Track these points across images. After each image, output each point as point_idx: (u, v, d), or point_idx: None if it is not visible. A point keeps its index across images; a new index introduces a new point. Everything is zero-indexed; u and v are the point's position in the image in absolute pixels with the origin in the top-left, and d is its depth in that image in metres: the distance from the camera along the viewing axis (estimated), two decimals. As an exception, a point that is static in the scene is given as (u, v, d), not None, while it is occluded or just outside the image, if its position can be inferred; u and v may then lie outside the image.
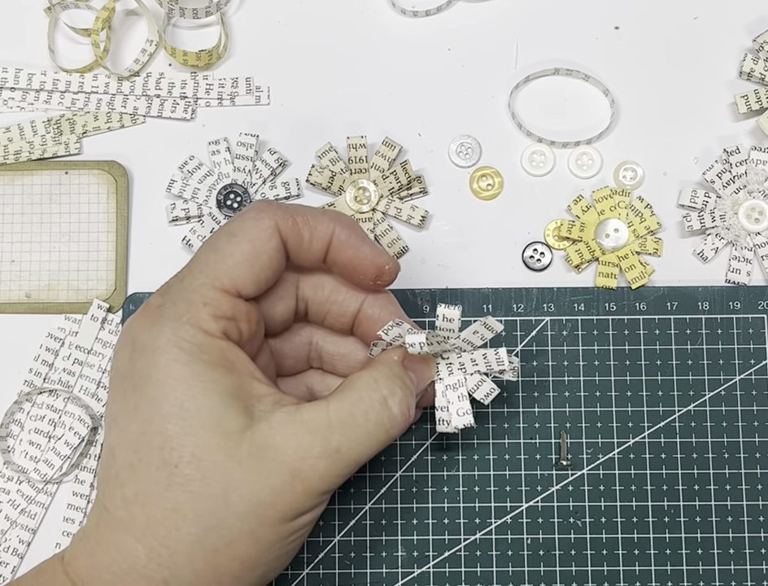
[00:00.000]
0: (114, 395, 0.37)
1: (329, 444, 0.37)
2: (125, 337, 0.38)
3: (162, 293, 0.38)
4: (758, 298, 0.49)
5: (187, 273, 0.38)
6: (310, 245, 0.39)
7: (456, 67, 0.52)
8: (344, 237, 0.40)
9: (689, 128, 0.51)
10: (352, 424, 0.37)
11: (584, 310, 0.49)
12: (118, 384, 0.37)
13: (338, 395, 0.38)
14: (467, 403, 0.42)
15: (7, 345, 0.49)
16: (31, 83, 0.51)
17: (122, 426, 0.36)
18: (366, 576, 0.47)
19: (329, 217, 0.40)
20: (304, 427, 0.36)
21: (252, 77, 0.51)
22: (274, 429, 0.36)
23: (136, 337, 0.37)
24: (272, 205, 0.39)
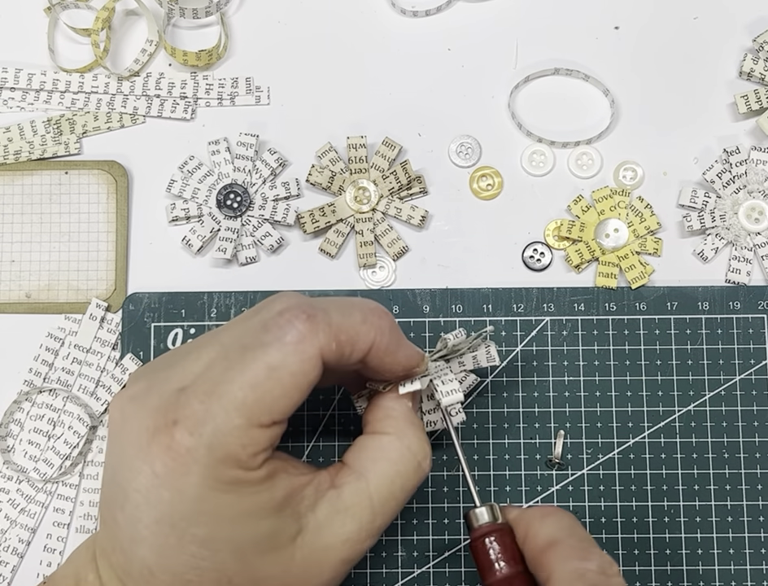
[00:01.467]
0: (140, 515, 0.35)
1: (374, 527, 0.38)
2: (151, 469, 0.34)
3: (191, 431, 0.34)
4: (758, 298, 0.49)
5: (219, 407, 0.34)
6: (349, 359, 0.37)
7: (456, 67, 0.52)
8: (383, 345, 0.38)
9: (689, 128, 0.51)
10: (392, 500, 0.38)
11: (584, 310, 0.49)
12: (146, 507, 0.35)
13: (375, 471, 0.38)
14: (455, 383, 0.41)
15: (7, 345, 0.49)
16: (31, 83, 0.51)
17: (161, 552, 0.35)
18: (366, 576, 0.47)
19: (370, 326, 0.37)
20: (350, 517, 0.37)
21: (252, 77, 0.51)
22: (322, 527, 0.37)
23: (166, 479, 0.34)
24: (315, 327, 0.35)
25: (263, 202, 0.50)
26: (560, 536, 0.38)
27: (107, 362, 0.48)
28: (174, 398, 0.35)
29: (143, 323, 0.48)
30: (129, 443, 0.35)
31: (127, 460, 0.35)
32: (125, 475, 0.35)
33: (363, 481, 0.38)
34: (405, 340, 0.39)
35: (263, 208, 0.49)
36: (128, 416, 0.36)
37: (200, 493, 0.34)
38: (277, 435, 0.36)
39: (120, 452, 0.36)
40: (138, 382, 0.37)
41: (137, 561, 0.35)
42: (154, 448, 0.34)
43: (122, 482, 0.35)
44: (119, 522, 0.35)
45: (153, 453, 0.34)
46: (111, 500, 0.36)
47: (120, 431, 0.36)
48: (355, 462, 0.39)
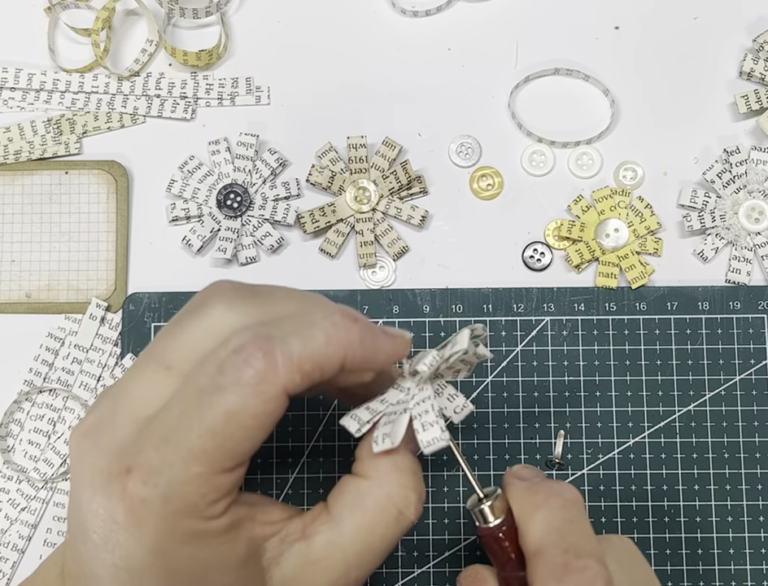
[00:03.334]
0: (98, 556, 0.33)
1: (348, 580, 0.35)
2: (108, 514, 0.32)
3: (145, 481, 0.32)
4: (758, 298, 0.49)
5: (176, 457, 0.32)
6: (320, 382, 0.34)
7: (456, 67, 0.52)
8: (357, 358, 0.34)
9: (689, 128, 0.51)
10: (369, 554, 0.35)
11: (584, 310, 0.49)
12: (103, 551, 0.32)
13: (351, 520, 0.35)
14: (436, 428, 0.36)
15: (7, 345, 0.49)
16: (31, 83, 0.51)
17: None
18: (366, 576, 0.47)
19: (336, 345, 0.33)
20: (320, 570, 0.34)
21: (252, 77, 0.51)
22: (289, 583, 0.34)
23: (118, 520, 0.32)
24: (274, 362, 0.32)
25: (263, 202, 0.50)
26: (546, 543, 0.35)
27: (107, 362, 0.48)
28: (129, 440, 0.33)
29: (143, 323, 0.48)
30: (87, 484, 0.33)
31: (86, 499, 0.33)
32: (85, 514, 0.33)
33: (337, 531, 0.35)
34: (382, 338, 0.35)
35: (263, 208, 0.49)
36: (84, 456, 0.34)
37: (155, 546, 0.32)
38: (241, 476, 0.33)
39: (79, 488, 0.33)
40: (91, 415, 0.35)
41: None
42: (109, 492, 0.32)
43: (82, 520, 0.33)
44: (81, 554, 0.33)
45: (109, 497, 0.32)
46: (75, 530, 0.34)
47: (77, 470, 0.34)
48: (333, 507, 0.36)
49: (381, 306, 0.49)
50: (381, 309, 0.49)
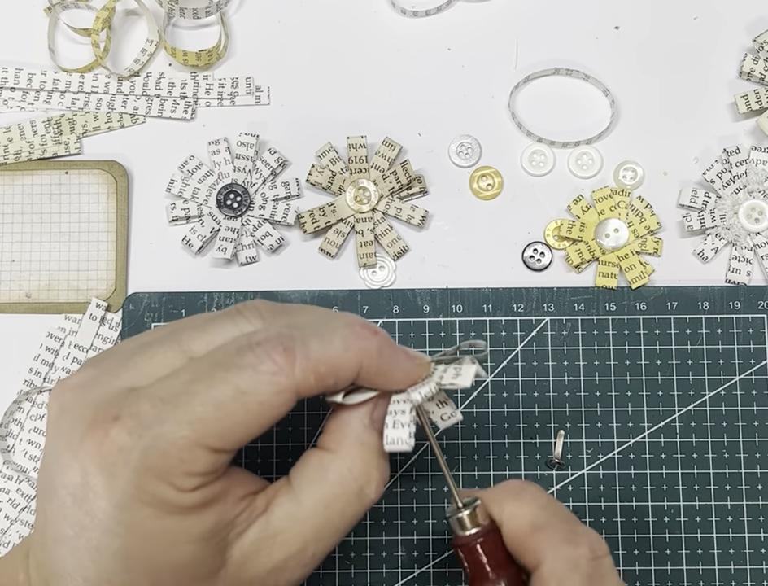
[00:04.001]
0: (64, 512, 0.32)
1: (305, 556, 0.35)
2: (74, 458, 0.32)
3: (130, 431, 0.32)
4: (758, 298, 0.49)
5: (171, 415, 0.32)
6: (334, 388, 0.35)
7: (456, 67, 0.52)
8: (373, 368, 0.35)
9: (689, 128, 0.51)
10: (328, 529, 0.35)
11: (584, 310, 0.49)
12: (71, 505, 0.32)
13: (310, 493, 0.35)
14: (405, 430, 0.36)
15: (7, 345, 0.49)
16: (31, 83, 0.51)
17: (79, 557, 0.32)
18: (366, 576, 0.47)
19: (354, 352, 0.34)
20: (278, 544, 0.34)
21: (252, 77, 0.51)
22: (248, 557, 0.34)
23: (90, 470, 0.32)
24: (292, 360, 0.33)
25: (263, 202, 0.50)
26: (543, 518, 0.36)
27: (107, 362, 0.48)
28: (122, 395, 0.33)
29: (143, 323, 0.48)
30: (62, 435, 0.33)
31: (58, 453, 0.33)
32: (54, 469, 0.33)
33: (296, 503, 0.35)
34: (402, 356, 0.36)
35: (263, 208, 0.49)
36: (67, 406, 0.34)
37: (122, 500, 0.32)
38: (222, 464, 0.33)
39: (52, 443, 0.34)
40: (84, 372, 0.35)
41: (58, 563, 0.33)
42: (86, 443, 0.32)
43: (52, 475, 0.33)
44: (47, 516, 0.33)
45: (85, 448, 0.32)
46: (42, 491, 0.34)
47: (55, 422, 0.34)
48: (294, 479, 0.36)
49: (381, 306, 0.49)
50: (381, 309, 0.49)
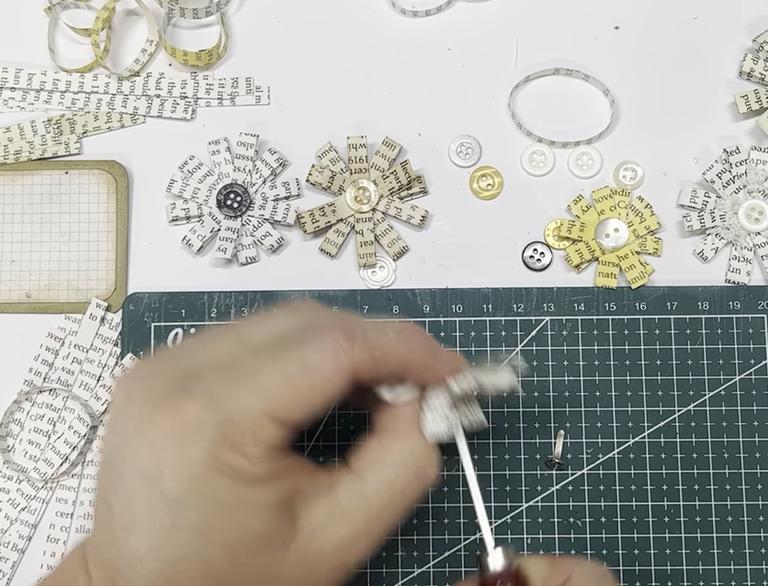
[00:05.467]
0: (135, 494, 0.33)
1: (370, 533, 0.36)
2: (152, 442, 0.33)
3: (204, 405, 0.33)
4: (758, 298, 0.49)
5: (242, 387, 0.34)
6: (384, 374, 0.37)
7: (456, 67, 0.52)
8: (417, 361, 0.38)
9: (689, 128, 0.51)
10: (391, 506, 0.37)
11: (584, 310, 0.49)
12: (142, 486, 0.33)
13: (374, 473, 0.37)
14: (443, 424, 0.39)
15: (7, 345, 0.49)
16: (31, 83, 0.51)
17: (153, 539, 0.33)
18: (366, 576, 0.47)
19: (402, 344, 0.37)
20: (345, 522, 0.36)
21: (252, 77, 0.51)
22: (316, 531, 0.35)
23: (162, 445, 0.33)
24: (353, 340, 0.35)
25: (263, 202, 0.50)
26: None
27: (108, 362, 0.48)
28: (189, 375, 0.34)
29: (143, 323, 0.48)
30: (131, 420, 0.34)
31: (126, 438, 0.33)
32: (123, 454, 0.33)
33: (359, 482, 0.36)
34: (443, 352, 0.39)
35: (263, 208, 0.49)
36: (133, 393, 0.34)
37: (199, 472, 0.32)
38: (286, 439, 0.35)
39: (120, 430, 0.34)
40: (145, 363, 0.36)
41: (128, 551, 0.33)
42: (157, 420, 0.33)
43: (119, 462, 0.34)
44: (113, 508, 0.34)
45: (156, 426, 0.33)
46: (105, 488, 0.35)
47: (121, 411, 0.34)
48: (355, 463, 0.37)
49: (381, 306, 0.49)
50: (381, 309, 0.49)
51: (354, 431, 0.48)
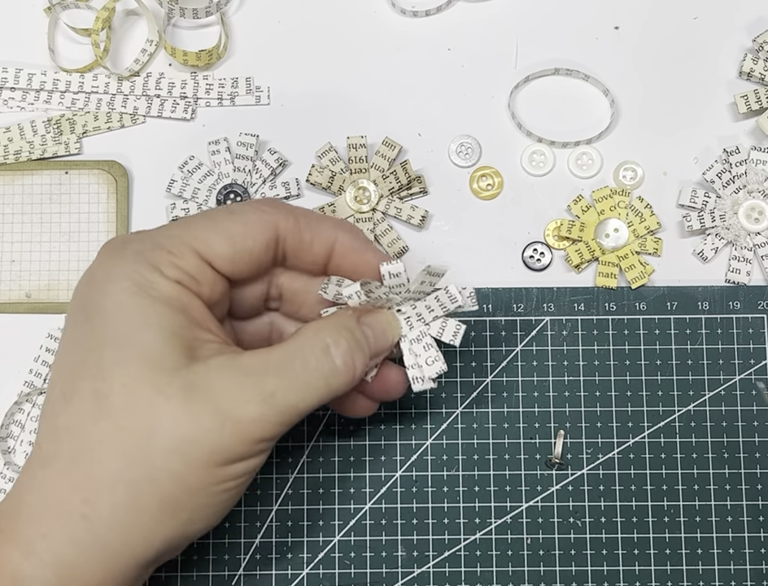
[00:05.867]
0: (66, 328, 0.37)
1: (264, 388, 0.36)
2: (88, 269, 0.38)
3: (134, 233, 0.39)
4: (758, 298, 0.49)
5: (168, 224, 0.39)
6: (311, 247, 0.39)
7: (456, 67, 0.52)
8: (347, 242, 0.40)
9: (689, 128, 0.51)
10: (290, 369, 0.36)
11: (584, 310, 0.49)
12: (72, 315, 0.37)
13: (281, 344, 0.38)
14: (434, 350, 0.41)
15: (7, 345, 0.49)
16: (31, 83, 0.51)
17: (66, 356, 0.37)
18: (366, 576, 0.47)
19: (332, 223, 0.40)
20: (240, 370, 0.36)
21: (252, 77, 0.51)
22: (210, 370, 0.36)
23: (96, 268, 0.37)
24: (279, 203, 0.40)
25: (263, 202, 0.50)
26: None
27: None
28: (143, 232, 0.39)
29: (143, 323, 0.48)
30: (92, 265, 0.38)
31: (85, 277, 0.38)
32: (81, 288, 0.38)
33: (266, 349, 0.37)
34: (373, 245, 0.41)
35: (263, 208, 0.49)
36: (106, 245, 0.39)
37: (117, 276, 0.36)
38: (208, 279, 0.38)
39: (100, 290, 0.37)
40: None
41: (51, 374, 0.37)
42: (102, 250, 0.38)
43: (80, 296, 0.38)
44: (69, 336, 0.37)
45: (99, 253, 0.38)
46: None
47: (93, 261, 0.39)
48: None
49: (381, 306, 0.49)
50: (382, 309, 0.49)
51: (354, 432, 0.48)
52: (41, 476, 0.35)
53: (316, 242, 0.39)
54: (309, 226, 0.39)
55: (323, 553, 0.47)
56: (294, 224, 0.39)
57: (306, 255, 0.40)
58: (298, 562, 0.46)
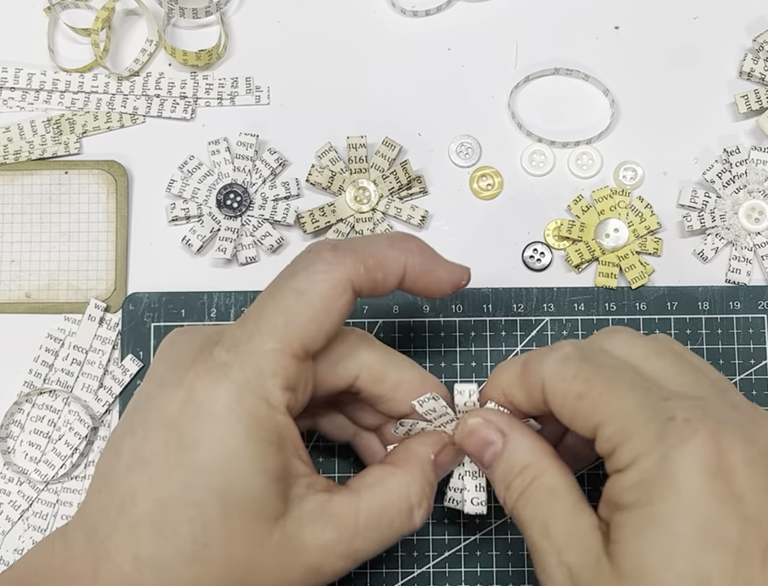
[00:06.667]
0: (151, 434, 0.35)
1: (352, 547, 0.36)
2: (180, 380, 0.35)
3: (228, 348, 0.35)
4: (758, 298, 0.49)
5: (254, 330, 0.36)
6: (384, 284, 0.38)
7: (456, 67, 0.52)
8: (417, 266, 0.39)
9: (689, 128, 0.51)
10: (376, 529, 0.37)
11: (584, 310, 0.49)
12: (159, 426, 0.35)
13: (369, 492, 0.37)
14: (483, 494, 0.41)
15: (7, 345, 0.49)
16: (31, 83, 0.51)
17: (154, 476, 0.34)
18: (366, 576, 0.47)
19: (398, 249, 0.38)
20: (332, 524, 0.36)
21: (252, 77, 0.51)
22: (304, 521, 0.36)
23: (195, 388, 0.35)
24: (341, 254, 0.37)
25: (263, 202, 0.50)
26: (526, 358, 0.39)
27: (108, 363, 0.48)
28: (219, 329, 0.37)
29: (143, 323, 0.48)
30: (170, 363, 0.36)
31: (162, 380, 0.36)
32: (153, 393, 0.36)
33: (355, 497, 0.37)
34: (442, 258, 0.40)
35: (263, 208, 0.49)
36: (177, 341, 0.37)
37: (219, 412, 0.34)
38: (308, 377, 0.37)
39: (157, 372, 0.37)
40: (186, 328, 0.39)
41: (125, 488, 0.35)
42: (196, 365, 0.35)
43: (145, 404, 0.36)
44: (121, 451, 0.35)
45: (193, 369, 0.35)
46: (118, 435, 0.36)
47: (165, 353, 0.37)
48: (353, 483, 0.38)
49: (381, 306, 0.49)
50: (381, 309, 0.49)
51: (354, 431, 0.48)
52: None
53: (389, 276, 0.38)
54: (379, 267, 0.38)
55: (323, 553, 0.47)
56: (366, 271, 0.37)
57: (380, 291, 0.39)
58: (298, 562, 0.46)
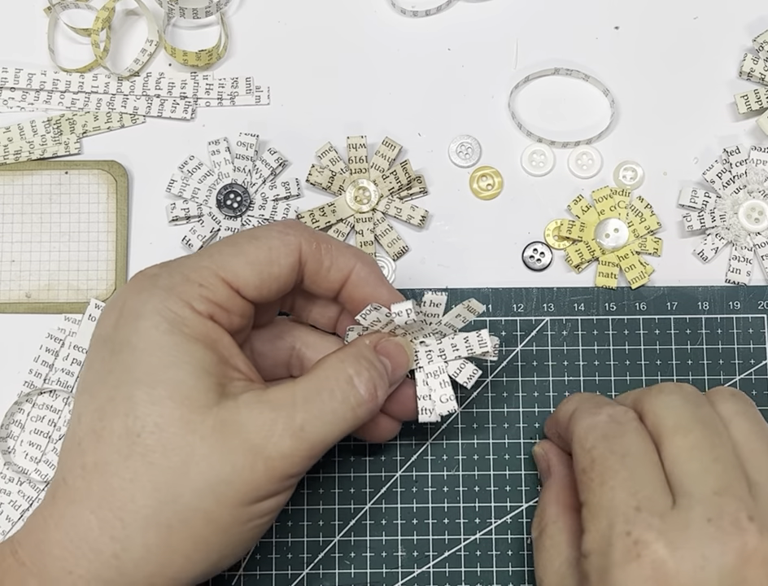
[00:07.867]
0: (91, 361, 0.37)
1: (293, 422, 0.36)
2: (114, 302, 0.38)
3: (161, 265, 0.38)
4: (758, 298, 0.49)
5: (195, 255, 0.39)
6: (328, 273, 0.40)
7: (456, 67, 0.52)
8: (364, 274, 0.40)
9: (689, 128, 0.51)
10: (317, 401, 0.37)
11: (584, 310, 0.49)
12: (98, 349, 0.37)
13: (306, 376, 0.38)
14: (449, 389, 0.42)
15: (7, 345, 0.49)
16: (31, 83, 0.51)
17: (93, 391, 0.36)
18: (366, 576, 0.47)
19: (352, 252, 0.40)
20: (269, 406, 0.36)
21: (252, 77, 0.51)
22: (240, 407, 0.36)
23: (125, 302, 0.37)
24: (301, 225, 0.40)
25: (263, 202, 0.50)
26: (577, 406, 0.41)
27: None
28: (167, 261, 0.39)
29: (143, 323, 0.48)
30: (115, 296, 0.39)
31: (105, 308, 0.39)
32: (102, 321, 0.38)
33: (291, 382, 0.38)
34: (388, 282, 0.41)
35: (263, 208, 0.49)
36: (131, 281, 0.39)
37: (149, 313, 0.36)
38: (237, 307, 0.38)
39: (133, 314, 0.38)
40: None
41: (74, 407, 0.37)
42: (129, 282, 0.38)
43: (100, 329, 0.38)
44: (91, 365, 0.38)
45: (126, 285, 0.38)
46: None
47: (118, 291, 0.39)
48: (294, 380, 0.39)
49: (381, 306, 0.49)
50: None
51: (354, 431, 0.48)
52: (69, 513, 0.35)
53: (334, 269, 0.40)
54: (329, 252, 0.40)
55: (323, 553, 0.47)
56: (316, 248, 0.39)
57: (322, 281, 0.40)
58: (298, 562, 0.47)
